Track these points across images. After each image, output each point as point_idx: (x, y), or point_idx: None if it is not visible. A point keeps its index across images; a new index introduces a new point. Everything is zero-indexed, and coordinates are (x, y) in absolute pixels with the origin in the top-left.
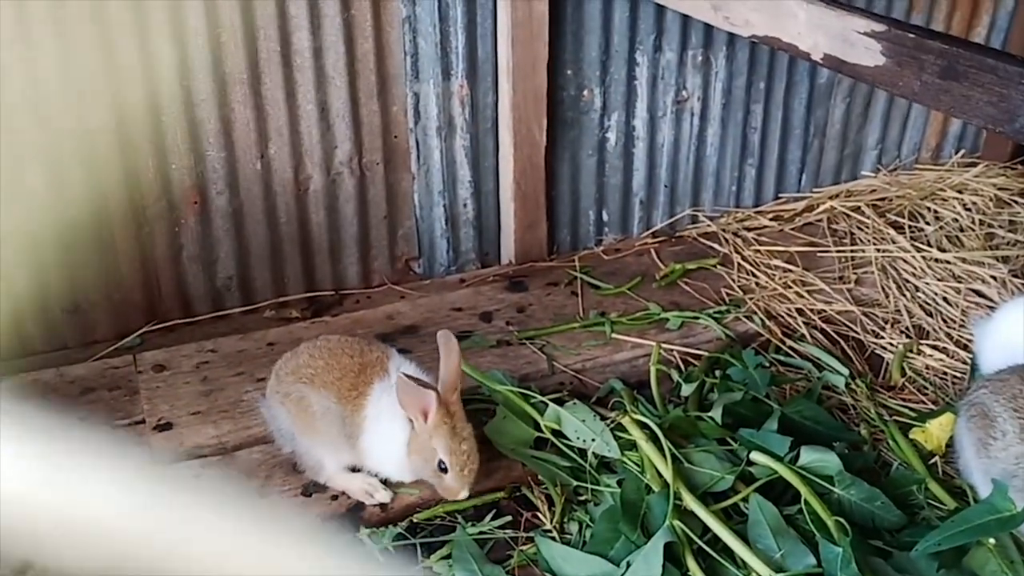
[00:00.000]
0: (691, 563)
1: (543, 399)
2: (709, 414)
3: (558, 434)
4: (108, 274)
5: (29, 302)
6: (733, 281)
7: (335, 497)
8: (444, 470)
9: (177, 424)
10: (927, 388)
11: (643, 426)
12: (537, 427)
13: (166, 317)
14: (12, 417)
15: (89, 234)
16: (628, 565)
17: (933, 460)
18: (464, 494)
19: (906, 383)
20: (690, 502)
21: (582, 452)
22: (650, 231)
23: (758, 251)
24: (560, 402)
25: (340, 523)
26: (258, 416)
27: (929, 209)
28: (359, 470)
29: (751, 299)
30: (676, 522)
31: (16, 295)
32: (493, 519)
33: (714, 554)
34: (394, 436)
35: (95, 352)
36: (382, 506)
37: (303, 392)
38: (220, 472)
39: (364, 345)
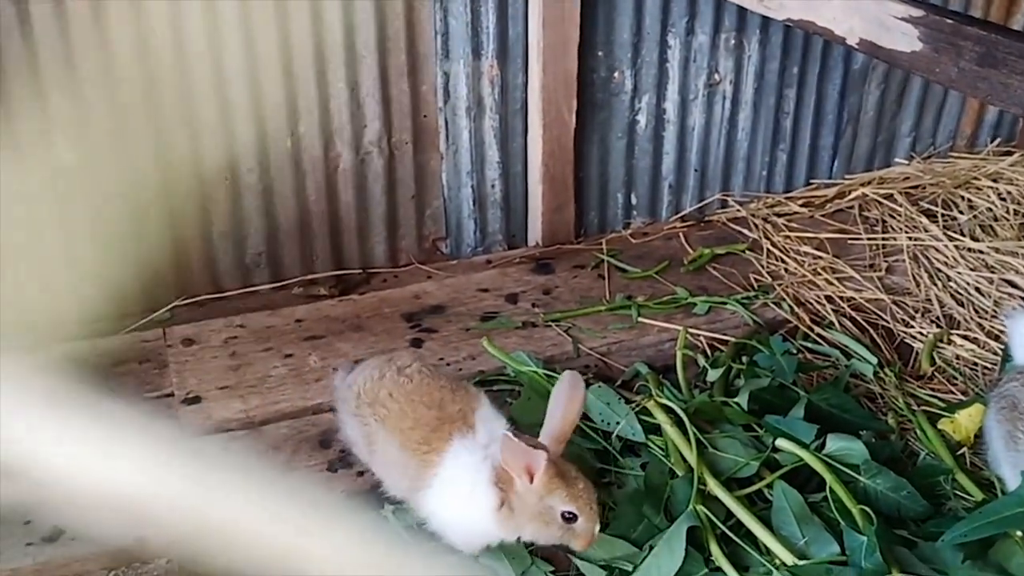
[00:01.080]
0: (714, 548)
1: None
2: (735, 400)
3: (583, 416)
4: (140, 248)
5: (62, 275)
6: (762, 267)
7: (361, 473)
8: (572, 519)
9: (205, 398)
10: (957, 378)
11: (668, 410)
12: None
13: (196, 292)
14: (45, 391)
15: (121, 209)
16: (651, 548)
17: (961, 451)
18: (597, 529)
19: (935, 373)
20: (714, 487)
21: (606, 435)
22: (679, 215)
23: (788, 237)
24: (585, 385)
25: (365, 499)
26: (286, 392)
27: (963, 198)
28: None
29: (780, 285)
30: (699, 507)
31: (49, 268)
32: None
33: (737, 539)
34: (471, 505)
35: (126, 325)
36: None
37: (373, 428)
38: (247, 445)
39: (448, 392)
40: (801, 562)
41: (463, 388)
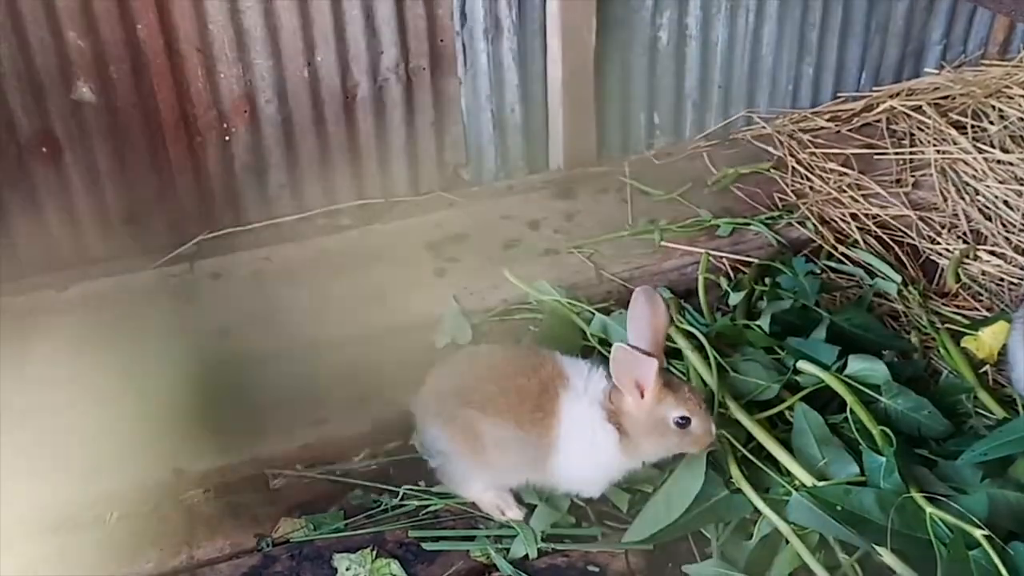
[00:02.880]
0: (734, 470)
1: (590, 308)
2: (757, 323)
3: (604, 343)
4: (163, 184)
5: (87, 212)
6: (787, 185)
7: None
8: (685, 423)
9: (234, 330)
10: (982, 295)
11: (689, 335)
12: (584, 336)
13: (221, 226)
14: None
15: (142, 144)
16: (671, 472)
17: (984, 368)
18: (714, 428)
19: (960, 290)
20: (734, 410)
21: None
22: (703, 134)
23: (813, 154)
24: (607, 312)
25: (392, 428)
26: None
27: (994, 108)
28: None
29: (804, 204)
30: (720, 430)
31: (74, 205)
32: None
33: (757, 462)
34: (598, 446)
35: (153, 261)
36: None
37: (471, 419)
38: None
39: (533, 358)
40: (820, 483)
41: (537, 351)
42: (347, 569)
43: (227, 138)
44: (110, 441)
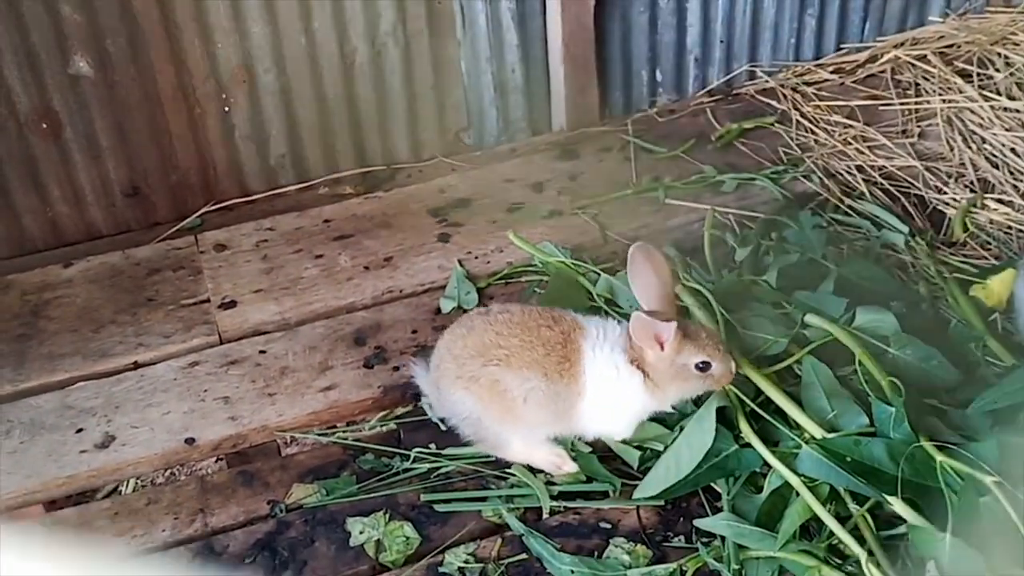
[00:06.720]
0: (744, 426)
1: (595, 269)
2: (764, 277)
3: (611, 303)
4: (164, 157)
5: (89, 186)
6: (791, 139)
7: (396, 368)
8: (706, 367)
9: (241, 302)
10: (990, 243)
11: (696, 293)
12: (590, 297)
13: (224, 197)
14: None
15: (142, 117)
16: (681, 429)
17: (993, 316)
18: (733, 365)
19: (968, 239)
20: (743, 366)
21: None
22: (706, 90)
23: (818, 107)
24: (613, 272)
25: (400, 392)
26: (319, 292)
27: (1000, 55)
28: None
29: (809, 157)
30: (729, 386)
31: (76, 179)
32: None
33: (767, 416)
34: (624, 387)
35: (158, 234)
36: None
37: (496, 375)
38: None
39: (550, 312)
40: (830, 435)
41: (548, 308)
42: (360, 532)
43: (227, 109)
44: None
